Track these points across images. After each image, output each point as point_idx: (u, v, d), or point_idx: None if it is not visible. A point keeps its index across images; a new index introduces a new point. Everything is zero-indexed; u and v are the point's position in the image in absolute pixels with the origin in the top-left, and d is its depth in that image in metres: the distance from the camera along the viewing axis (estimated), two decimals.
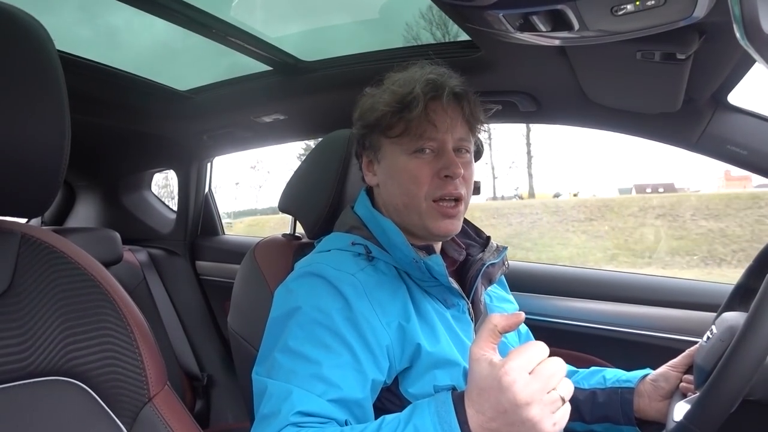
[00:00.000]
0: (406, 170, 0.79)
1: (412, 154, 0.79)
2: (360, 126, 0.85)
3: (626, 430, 0.89)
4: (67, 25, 1.23)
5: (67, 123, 0.53)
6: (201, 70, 1.51)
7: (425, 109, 0.77)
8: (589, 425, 0.92)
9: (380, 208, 0.86)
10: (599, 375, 0.94)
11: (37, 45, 0.52)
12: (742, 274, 0.89)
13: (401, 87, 0.80)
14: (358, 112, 0.85)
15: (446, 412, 0.56)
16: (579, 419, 0.91)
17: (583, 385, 0.93)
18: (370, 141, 0.84)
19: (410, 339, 0.72)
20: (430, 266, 0.74)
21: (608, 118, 1.22)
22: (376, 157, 0.84)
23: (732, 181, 17.51)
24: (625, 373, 0.93)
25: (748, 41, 0.45)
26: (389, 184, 0.82)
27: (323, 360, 0.66)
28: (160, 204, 2.18)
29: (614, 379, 0.92)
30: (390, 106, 0.79)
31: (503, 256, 0.89)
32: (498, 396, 0.52)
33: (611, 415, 0.89)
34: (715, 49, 0.83)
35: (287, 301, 0.74)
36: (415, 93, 0.77)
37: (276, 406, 0.64)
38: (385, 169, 0.83)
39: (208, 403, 1.83)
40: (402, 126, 0.79)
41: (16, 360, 0.52)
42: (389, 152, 0.82)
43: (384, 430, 0.59)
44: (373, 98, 0.83)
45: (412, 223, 0.81)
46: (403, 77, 0.82)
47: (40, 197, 0.55)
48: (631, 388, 0.88)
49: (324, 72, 1.35)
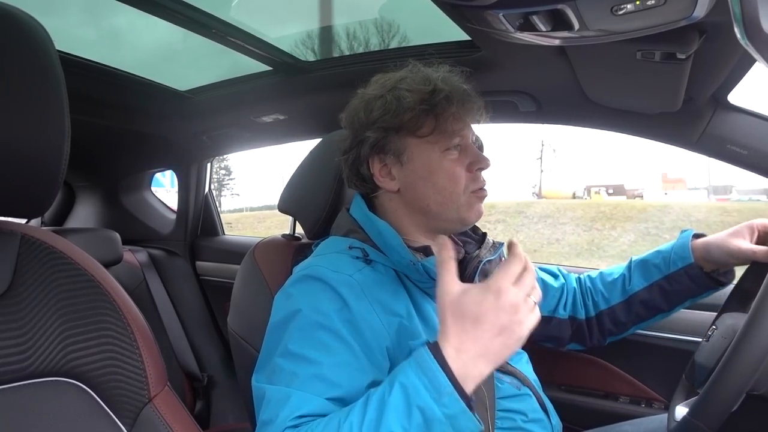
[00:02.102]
0: (443, 169, 0.79)
1: (444, 153, 0.80)
2: (377, 128, 0.80)
3: (708, 293, 0.93)
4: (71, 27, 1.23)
5: (67, 123, 0.53)
6: (201, 70, 1.51)
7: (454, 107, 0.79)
8: (671, 310, 0.96)
9: (391, 213, 0.84)
10: (650, 266, 0.96)
11: (38, 45, 0.52)
12: (741, 276, 0.89)
13: (422, 85, 0.79)
14: (373, 115, 0.81)
15: (425, 361, 0.57)
16: (657, 312, 0.95)
17: (642, 285, 0.96)
18: (392, 143, 0.80)
19: (411, 339, 0.72)
20: (427, 268, 0.74)
21: (608, 118, 1.22)
22: (399, 159, 0.81)
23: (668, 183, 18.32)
24: (670, 249, 0.95)
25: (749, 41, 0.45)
26: (420, 185, 0.80)
27: (324, 360, 0.66)
28: (159, 204, 2.17)
29: (668, 263, 0.93)
30: (420, 105, 0.78)
31: (500, 252, 0.89)
32: (497, 314, 0.57)
33: (688, 293, 0.93)
34: (715, 49, 0.83)
35: (286, 306, 0.73)
36: (445, 91, 0.78)
37: (274, 411, 0.63)
38: (414, 171, 0.80)
39: (209, 403, 1.83)
40: (431, 125, 0.79)
41: (16, 361, 0.52)
42: (418, 152, 0.80)
43: (372, 399, 0.58)
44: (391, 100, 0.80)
45: (445, 220, 0.81)
46: (418, 76, 0.81)
47: (40, 197, 0.55)
48: (692, 263, 0.91)
49: (324, 72, 1.35)
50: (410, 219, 0.83)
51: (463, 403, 0.55)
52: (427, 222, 0.82)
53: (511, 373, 0.84)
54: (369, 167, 0.83)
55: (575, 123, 1.29)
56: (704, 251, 0.91)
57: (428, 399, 0.55)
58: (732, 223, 0.91)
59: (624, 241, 8.84)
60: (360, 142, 0.82)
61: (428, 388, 0.56)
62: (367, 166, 0.83)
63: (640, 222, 8.96)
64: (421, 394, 0.56)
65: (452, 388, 0.55)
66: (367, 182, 0.84)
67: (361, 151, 0.83)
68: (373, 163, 0.82)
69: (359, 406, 0.59)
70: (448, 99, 0.78)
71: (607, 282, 1.01)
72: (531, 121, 1.34)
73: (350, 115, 0.85)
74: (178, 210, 2.02)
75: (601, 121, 1.25)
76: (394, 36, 1.26)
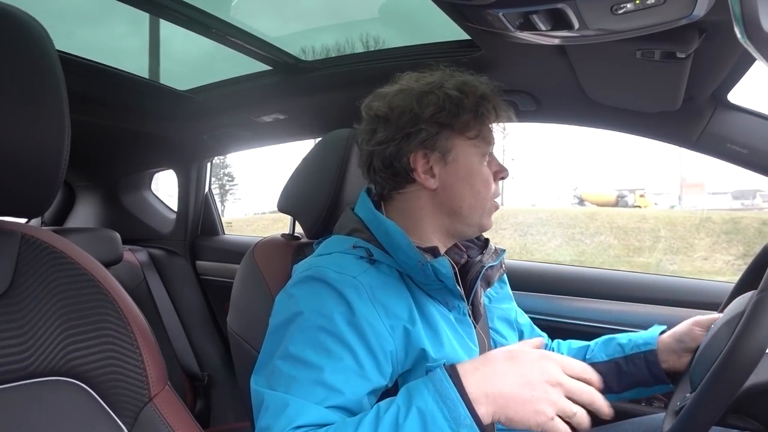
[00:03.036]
0: (481, 173, 0.81)
1: (482, 158, 0.81)
2: (432, 123, 0.78)
3: (657, 389, 0.92)
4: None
5: (67, 123, 0.53)
6: (201, 70, 1.51)
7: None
8: (620, 394, 0.95)
9: (417, 210, 0.82)
10: (614, 343, 0.96)
11: (37, 45, 0.52)
12: (741, 275, 0.89)
13: (475, 89, 0.80)
14: (429, 110, 0.78)
15: (444, 388, 0.57)
16: (607, 391, 0.92)
17: (601, 357, 0.95)
18: (441, 140, 0.79)
19: (415, 343, 0.71)
20: (437, 269, 0.73)
21: (608, 117, 1.22)
22: (443, 158, 0.79)
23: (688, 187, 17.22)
24: (638, 335, 0.95)
25: (748, 40, 0.45)
26: (458, 186, 0.80)
27: (325, 365, 0.65)
28: (160, 204, 2.18)
29: (631, 345, 0.93)
30: (477, 108, 0.79)
31: (501, 258, 0.88)
32: (532, 366, 0.58)
33: (640, 380, 0.92)
34: (715, 48, 0.83)
35: (288, 307, 0.72)
36: (491, 99, 0.81)
37: (272, 419, 0.62)
38: (455, 171, 0.80)
39: (209, 402, 1.83)
40: (477, 129, 0.80)
41: (16, 360, 0.52)
42: (464, 154, 0.80)
43: (385, 420, 0.57)
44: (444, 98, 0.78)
45: (468, 223, 0.82)
46: (463, 80, 0.81)
47: (40, 197, 0.55)
48: (654, 349, 0.90)
49: (324, 72, 1.35)
50: (434, 219, 0.82)
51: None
52: (450, 224, 0.82)
53: None
54: (410, 161, 0.79)
55: (575, 122, 1.29)
56: (670, 341, 0.90)
57: (446, 429, 0.55)
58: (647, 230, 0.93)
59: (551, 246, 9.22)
60: (406, 135, 0.78)
61: (447, 417, 0.55)
62: (407, 160, 0.79)
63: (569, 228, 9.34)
64: (439, 422, 0.55)
65: (472, 420, 0.55)
66: (398, 176, 0.81)
67: (404, 144, 0.79)
68: (416, 158, 0.79)
69: (368, 424, 0.58)
70: (495, 108, 0.81)
71: (572, 349, 1.02)
72: (531, 120, 1.34)
73: (397, 106, 0.80)
74: (178, 209, 2.03)
75: (601, 121, 1.25)
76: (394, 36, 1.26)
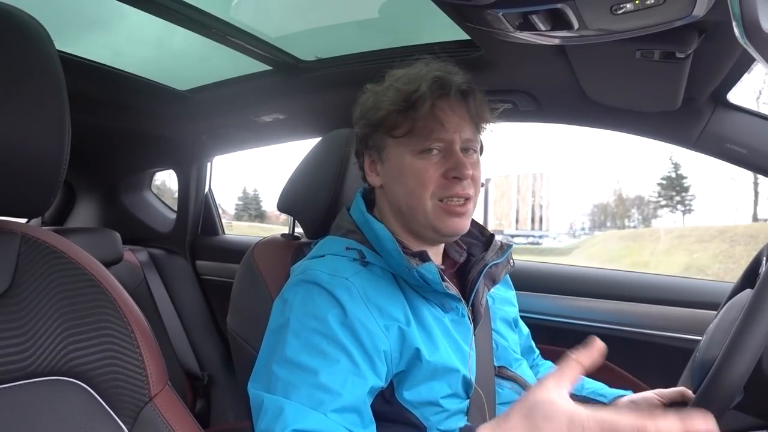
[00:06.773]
0: (412, 171, 0.76)
1: (419, 155, 0.76)
2: (363, 124, 0.81)
3: None
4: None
5: (67, 123, 0.53)
6: (201, 70, 1.51)
7: (432, 107, 0.74)
8: None
9: (382, 210, 0.83)
10: (584, 385, 0.94)
11: (37, 45, 0.52)
12: (740, 276, 0.89)
13: (406, 84, 0.76)
14: (360, 110, 0.82)
15: None
16: None
17: None
18: (373, 140, 0.81)
19: (409, 344, 0.71)
20: (423, 274, 0.72)
21: (608, 117, 1.22)
22: (379, 157, 0.81)
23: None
24: (603, 387, 0.93)
25: (748, 40, 0.45)
26: (393, 185, 0.79)
27: (321, 368, 0.64)
28: (160, 204, 2.18)
29: (591, 390, 0.92)
30: (395, 105, 0.76)
31: (507, 254, 0.86)
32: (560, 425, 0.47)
33: None
34: (714, 48, 0.83)
35: (283, 313, 0.72)
36: (421, 91, 0.74)
37: (270, 423, 0.62)
38: (389, 170, 0.80)
39: (209, 402, 1.83)
40: (408, 125, 0.76)
41: (16, 360, 0.52)
42: (394, 153, 0.78)
43: None
44: (375, 96, 0.80)
45: (418, 224, 0.78)
46: (408, 74, 0.79)
47: (40, 197, 0.55)
48: (604, 402, 0.88)
49: (324, 72, 1.35)
50: (394, 218, 0.82)
51: None
52: (408, 225, 0.80)
53: (512, 379, 0.84)
54: (364, 160, 0.85)
55: (574, 122, 1.29)
56: (624, 401, 0.88)
57: None
58: None
59: None
60: (362, 135, 0.84)
61: None
62: (362, 159, 0.85)
63: None
64: None
65: None
66: (365, 175, 0.86)
67: (360, 143, 0.85)
68: (363, 157, 0.85)
69: None
70: (424, 99, 0.74)
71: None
72: (530, 120, 1.34)
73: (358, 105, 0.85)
74: (178, 209, 2.03)
75: (601, 121, 1.25)
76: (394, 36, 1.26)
